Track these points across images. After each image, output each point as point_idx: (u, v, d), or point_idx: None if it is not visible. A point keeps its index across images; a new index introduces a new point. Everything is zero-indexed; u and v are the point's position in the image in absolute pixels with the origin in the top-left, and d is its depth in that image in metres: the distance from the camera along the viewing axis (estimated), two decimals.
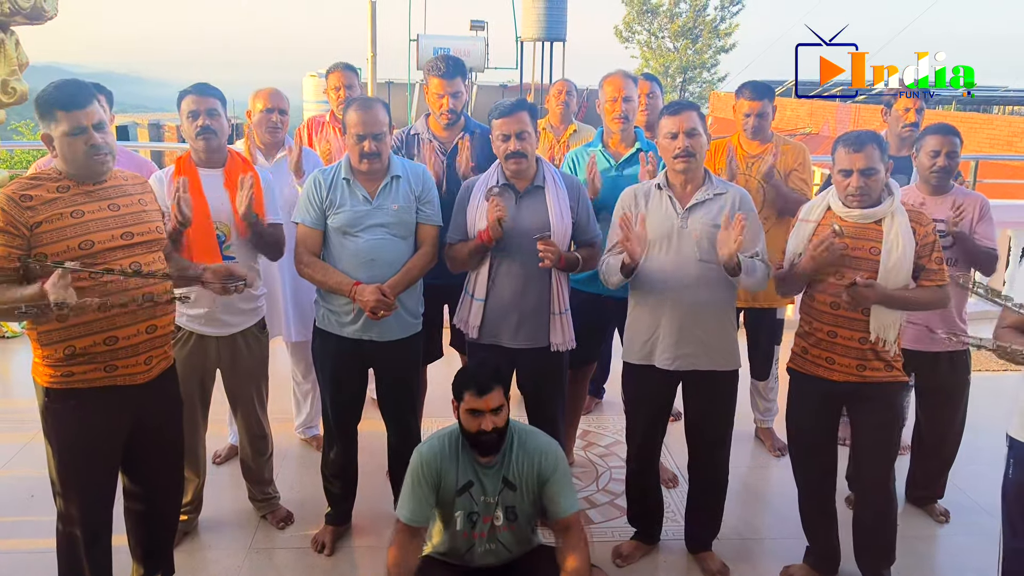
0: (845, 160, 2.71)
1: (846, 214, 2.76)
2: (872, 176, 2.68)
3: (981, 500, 3.64)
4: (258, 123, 3.60)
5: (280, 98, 3.62)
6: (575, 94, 4.75)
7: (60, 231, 2.29)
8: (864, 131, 2.78)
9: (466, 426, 2.50)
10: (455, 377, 2.57)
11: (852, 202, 2.74)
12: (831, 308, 2.76)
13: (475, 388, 2.47)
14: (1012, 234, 6.23)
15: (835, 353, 2.79)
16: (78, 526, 2.49)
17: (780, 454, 4.06)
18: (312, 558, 3.16)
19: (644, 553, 3.21)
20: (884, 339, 2.73)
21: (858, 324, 2.73)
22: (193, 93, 3.01)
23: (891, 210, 2.71)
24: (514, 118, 2.90)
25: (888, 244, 2.69)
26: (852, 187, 2.70)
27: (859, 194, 2.70)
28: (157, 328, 2.49)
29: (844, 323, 2.75)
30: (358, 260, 2.91)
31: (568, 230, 2.99)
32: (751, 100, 3.71)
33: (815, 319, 2.82)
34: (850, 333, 2.75)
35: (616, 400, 3.60)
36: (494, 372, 2.54)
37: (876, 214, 2.72)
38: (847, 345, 2.76)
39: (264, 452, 3.35)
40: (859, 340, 2.74)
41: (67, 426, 2.41)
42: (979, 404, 3.54)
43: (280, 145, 3.64)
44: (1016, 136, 16.63)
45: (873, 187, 2.70)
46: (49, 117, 2.30)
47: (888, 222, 2.71)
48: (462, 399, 2.49)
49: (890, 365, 2.78)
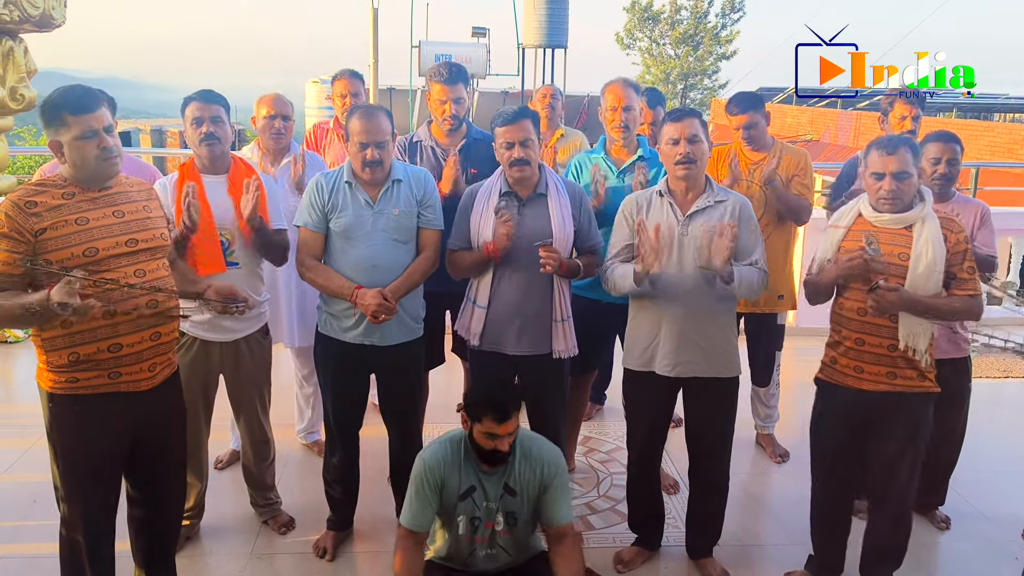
0: (878, 163, 2.67)
1: (876, 218, 2.73)
2: (904, 180, 2.65)
3: (982, 507, 3.64)
4: (262, 129, 3.62)
5: (284, 104, 3.63)
6: (560, 98, 4.80)
7: (65, 238, 2.29)
8: (898, 135, 2.76)
9: (480, 444, 2.48)
10: (471, 395, 2.53)
11: (883, 206, 2.70)
12: (858, 315, 2.72)
13: (495, 416, 2.43)
14: (1013, 241, 6.25)
15: (864, 362, 2.74)
16: (81, 531, 2.49)
17: (781, 460, 4.07)
18: (313, 563, 3.17)
19: (645, 559, 3.21)
20: (913, 348, 2.67)
21: (886, 331, 2.68)
22: (197, 100, 3.02)
23: (922, 215, 2.67)
24: (518, 126, 2.91)
25: (917, 250, 2.63)
26: (884, 191, 2.67)
27: (891, 198, 2.66)
28: (161, 335, 2.49)
29: (871, 330, 2.70)
30: (359, 265, 2.92)
31: (570, 237, 3.00)
32: (737, 114, 3.71)
33: (843, 327, 2.78)
34: (878, 340, 2.70)
35: (617, 406, 3.61)
36: (513, 396, 2.50)
37: (907, 219, 2.68)
38: (876, 353, 2.71)
39: (266, 458, 3.36)
40: (888, 348, 2.69)
41: (71, 431, 2.42)
42: (980, 411, 3.54)
43: (285, 151, 3.65)
44: (1016, 143, 16.66)
45: (905, 191, 2.66)
46: (58, 123, 2.31)
47: (918, 227, 2.66)
48: (479, 420, 2.45)
49: (923, 375, 2.72)
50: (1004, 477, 3.95)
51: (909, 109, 3.62)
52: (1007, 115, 24.41)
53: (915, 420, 2.77)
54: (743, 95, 3.80)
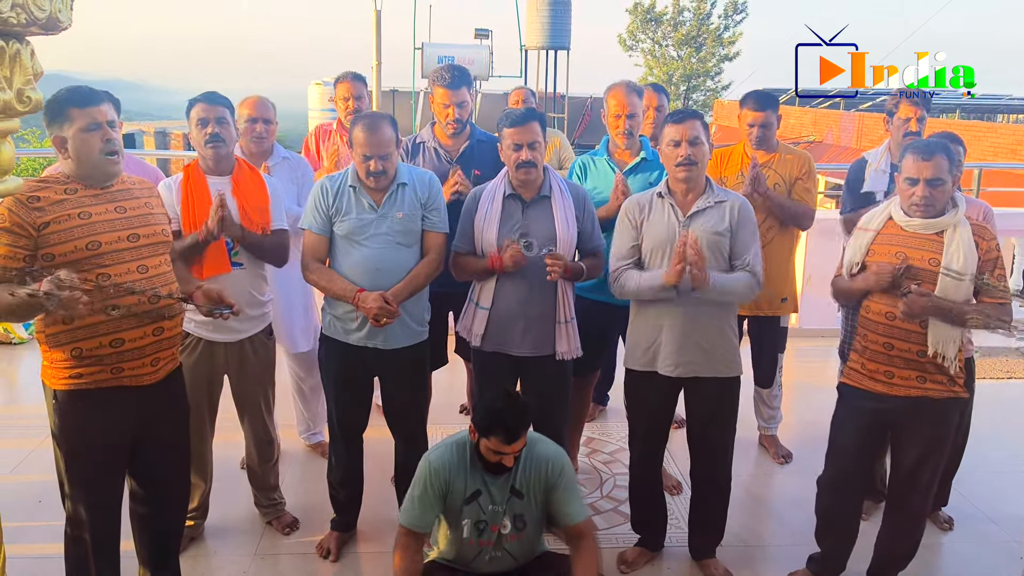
0: (912, 168, 2.66)
1: (907, 223, 2.71)
2: (939, 187, 2.63)
3: (985, 508, 3.64)
4: (243, 132, 3.55)
5: (266, 108, 3.59)
6: (532, 100, 4.90)
7: (67, 231, 2.32)
8: (935, 140, 2.75)
9: (487, 457, 2.46)
10: (481, 409, 2.50)
11: (915, 211, 2.68)
12: (886, 319, 2.70)
13: (504, 436, 2.41)
14: (1016, 242, 6.25)
15: (894, 367, 2.71)
16: (86, 529, 2.51)
17: (784, 461, 4.07)
18: (317, 564, 3.18)
19: (648, 560, 3.21)
20: (943, 354, 2.65)
21: (915, 336, 2.66)
22: (203, 101, 3.04)
23: (954, 221, 2.65)
24: (526, 128, 2.92)
25: (948, 256, 2.62)
26: (917, 196, 2.65)
27: (923, 204, 2.65)
28: (164, 330, 2.51)
29: (900, 335, 2.68)
30: (364, 268, 2.93)
31: (574, 240, 3.01)
32: (755, 111, 3.71)
33: (870, 331, 2.76)
34: (907, 345, 2.68)
35: (620, 407, 3.62)
36: (523, 415, 2.47)
37: (938, 224, 2.66)
38: (905, 358, 2.69)
39: (270, 458, 3.36)
40: (917, 353, 2.67)
41: (75, 427, 2.44)
42: (983, 412, 3.54)
43: (266, 154, 3.62)
44: (1020, 144, 16.64)
45: (938, 198, 2.65)
46: (62, 118, 2.34)
47: (950, 234, 2.64)
48: (487, 437, 2.43)
49: (953, 380, 2.70)
50: (1007, 478, 3.95)
51: (914, 110, 3.62)
52: (1010, 116, 24.39)
53: (943, 426, 2.76)
54: (761, 93, 3.80)
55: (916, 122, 3.63)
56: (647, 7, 33.78)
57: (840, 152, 19.20)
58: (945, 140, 3.19)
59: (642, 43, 34.50)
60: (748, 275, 2.87)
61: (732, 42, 33.64)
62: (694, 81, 34.20)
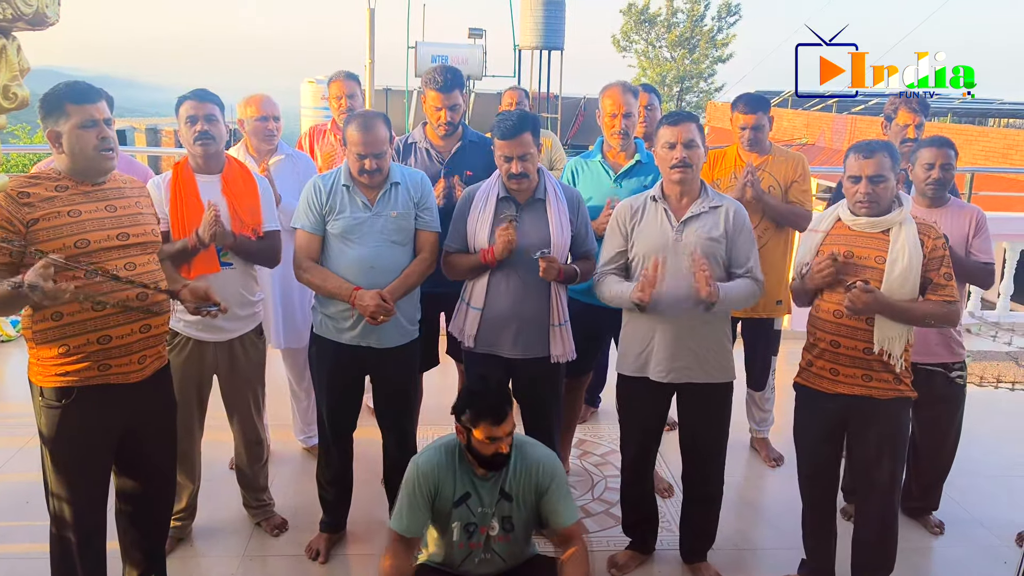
0: (855, 166, 2.71)
1: (854, 222, 2.76)
2: (881, 184, 2.68)
3: (976, 512, 3.65)
4: (253, 131, 3.59)
5: (273, 105, 3.63)
6: (525, 102, 4.88)
7: (56, 229, 2.31)
8: (876, 140, 2.79)
9: (481, 451, 2.45)
10: (461, 403, 2.50)
11: (860, 209, 2.73)
12: (834, 316, 2.75)
13: (492, 418, 2.41)
14: (1007, 246, 6.26)
15: (839, 364, 2.77)
16: (71, 528, 2.49)
17: (775, 464, 4.07)
18: (306, 565, 3.15)
19: (639, 563, 3.20)
20: (889, 352, 2.69)
21: (861, 334, 2.71)
22: (192, 99, 3.01)
23: (899, 220, 2.70)
24: (517, 141, 2.87)
25: (893, 254, 2.67)
26: (860, 193, 2.70)
27: (867, 201, 2.69)
28: (151, 328, 2.49)
29: (846, 332, 2.74)
30: (357, 266, 2.91)
31: (567, 243, 2.99)
32: (745, 113, 3.71)
33: (818, 328, 2.81)
34: (852, 343, 2.73)
35: (612, 409, 3.60)
36: (503, 394, 2.48)
37: (884, 223, 2.71)
38: (851, 355, 2.74)
39: (260, 459, 3.34)
40: (863, 351, 2.72)
41: (60, 424, 2.41)
42: (974, 416, 3.55)
43: (275, 151, 3.64)
44: (1011, 148, 16.72)
45: (882, 195, 2.69)
46: (58, 113, 2.33)
47: (895, 232, 2.69)
48: (476, 426, 2.43)
49: (899, 379, 2.75)
50: (998, 482, 3.96)
51: (913, 117, 3.62)
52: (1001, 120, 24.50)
53: (891, 424, 2.79)
54: (752, 96, 3.80)
55: (914, 128, 3.63)
56: (641, 8, 33.86)
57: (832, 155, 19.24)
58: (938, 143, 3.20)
59: (636, 44, 34.58)
60: (751, 282, 2.87)
61: (725, 44, 33.76)
62: (687, 82, 34.28)
